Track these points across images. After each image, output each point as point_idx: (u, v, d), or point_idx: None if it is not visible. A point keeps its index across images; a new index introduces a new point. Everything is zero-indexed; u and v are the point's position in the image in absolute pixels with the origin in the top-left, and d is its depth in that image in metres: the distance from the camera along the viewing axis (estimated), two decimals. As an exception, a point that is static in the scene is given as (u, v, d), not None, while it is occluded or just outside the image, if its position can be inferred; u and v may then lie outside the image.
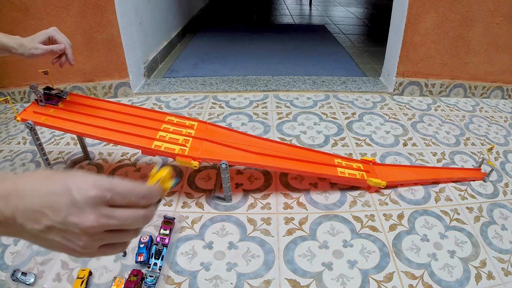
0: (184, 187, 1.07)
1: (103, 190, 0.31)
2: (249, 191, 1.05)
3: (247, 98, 1.64)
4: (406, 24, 1.53)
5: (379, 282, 0.79)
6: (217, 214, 0.97)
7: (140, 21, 1.75)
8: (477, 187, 1.09)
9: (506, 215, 0.99)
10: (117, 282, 0.75)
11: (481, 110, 1.61)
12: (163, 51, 2.12)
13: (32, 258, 0.82)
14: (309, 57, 2.24)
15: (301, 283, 0.78)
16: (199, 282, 0.78)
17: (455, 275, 0.81)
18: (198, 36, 2.71)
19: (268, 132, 1.36)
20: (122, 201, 0.32)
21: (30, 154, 1.25)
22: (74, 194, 0.30)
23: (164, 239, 0.83)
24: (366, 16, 3.63)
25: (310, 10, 3.89)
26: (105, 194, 0.31)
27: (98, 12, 1.47)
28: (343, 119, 1.47)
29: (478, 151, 1.29)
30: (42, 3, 1.43)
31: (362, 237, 0.90)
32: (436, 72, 1.66)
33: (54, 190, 0.30)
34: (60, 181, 0.30)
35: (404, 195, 1.05)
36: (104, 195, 0.31)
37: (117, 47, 1.55)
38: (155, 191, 0.35)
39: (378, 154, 1.24)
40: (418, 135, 1.37)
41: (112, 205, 0.31)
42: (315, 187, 1.07)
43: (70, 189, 0.30)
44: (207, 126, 1.07)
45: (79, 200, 0.30)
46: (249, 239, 0.89)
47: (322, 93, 1.71)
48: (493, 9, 1.49)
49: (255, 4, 4.09)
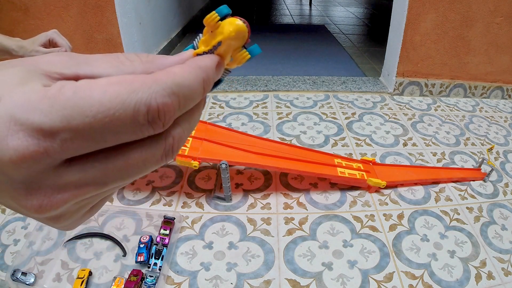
0: (184, 187, 1.07)
1: (39, 137, 0.13)
2: (249, 191, 1.05)
3: (247, 98, 1.64)
4: (406, 24, 1.53)
5: (379, 282, 0.79)
6: (217, 214, 0.97)
7: (140, 21, 1.75)
8: (477, 187, 1.09)
9: (506, 215, 0.99)
10: (117, 282, 0.75)
11: (481, 110, 1.61)
12: (163, 51, 2.12)
13: (32, 258, 0.82)
14: (309, 57, 2.24)
15: (301, 283, 0.78)
16: (199, 282, 0.78)
17: (455, 275, 0.81)
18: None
19: (268, 132, 1.36)
20: (94, 144, 0.14)
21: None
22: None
23: (164, 239, 0.83)
24: (366, 16, 3.63)
25: (310, 10, 3.89)
26: (45, 145, 0.13)
27: (98, 12, 1.47)
28: (343, 119, 1.47)
29: (478, 151, 1.29)
30: (42, 3, 1.43)
31: (362, 237, 0.90)
32: (436, 72, 1.65)
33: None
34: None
35: (404, 195, 1.05)
36: (44, 148, 0.13)
37: (117, 47, 1.55)
38: (189, 83, 0.15)
39: (378, 154, 1.24)
40: (418, 135, 1.37)
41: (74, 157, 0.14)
42: (315, 187, 1.07)
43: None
44: (207, 126, 1.07)
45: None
46: (249, 239, 0.89)
47: (322, 93, 1.71)
48: (493, 9, 1.49)
49: (255, 4, 4.09)
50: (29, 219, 0.95)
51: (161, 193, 1.04)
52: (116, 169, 0.14)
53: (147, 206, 0.99)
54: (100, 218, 0.94)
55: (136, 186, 1.06)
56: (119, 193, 1.04)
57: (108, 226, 0.92)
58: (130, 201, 1.01)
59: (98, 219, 0.94)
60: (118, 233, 0.90)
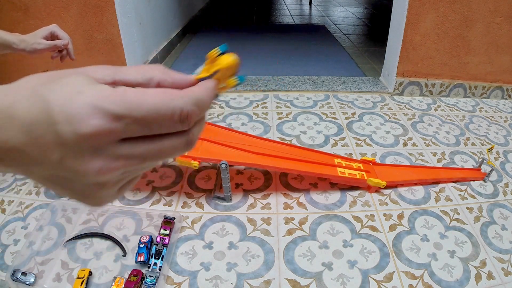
0: (184, 187, 1.07)
1: (110, 120, 0.18)
2: (249, 191, 1.05)
3: (247, 98, 1.64)
4: (406, 24, 1.53)
5: (379, 282, 0.79)
6: (217, 214, 0.97)
7: (140, 21, 1.75)
8: (477, 187, 1.09)
9: (506, 215, 0.99)
10: (117, 282, 0.75)
11: (481, 110, 1.61)
12: (163, 51, 2.12)
13: (32, 258, 0.82)
14: (309, 57, 2.24)
15: (301, 283, 0.78)
16: (199, 282, 0.78)
17: (455, 275, 0.81)
18: (198, 36, 2.71)
19: (268, 132, 1.36)
20: (144, 130, 0.19)
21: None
22: (59, 128, 0.18)
23: (164, 239, 0.83)
24: (366, 16, 3.63)
25: (310, 10, 3.89)
26: (113, 126, 0.18)
27: (98, 12, 1.47)
28: (343, 119, 1.47)
29: (478, 151, 1.29)
30: (42, 3, 1.43)
31: (362, 237, 0.90)
32: (436, 72, 1.65)
33: (32, 118, 0.18)
34: (38, 99, 0.18)
35: (404, 195, 1.05)
36: (112, 128, 0.18)
37: (117, 47, 1.55)
38: (205, 98, 0.22)
39: (378, 154, 1.24)
40: (418, 135, 1.37)
41: (128, 138, 0.20)
42: (315, 187, 1.07)
43: (52, 117, 0.18)
44: (207, 126, 1.07)
45: (70, 140, 0.18)
46: (249, 239, 0.89)
47: (322, 93, 1.71)
48: (493, 9, 1.49)
49: (255, 4, 4.09)
50: (29, 219, 0.95)
51: (161, 193, 1.04)
52: (154, 150, 0.20)
53: (147, 206, 0.99)
54: (100, 218, 0.94)
55: (136, 186, 1.06)
56: (119, 193, 1.04)
57: (108, 226, 0.92)
58: (130, 201, 1.01)
59: (98, 219, 0.94)
60: (118, 233, 0.90)
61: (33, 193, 1.05)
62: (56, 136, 0.18)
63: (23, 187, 1.07)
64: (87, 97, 0.18)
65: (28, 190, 1.06)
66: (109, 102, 0.18)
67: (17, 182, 1.10)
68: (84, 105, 0.18)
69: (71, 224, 0.93)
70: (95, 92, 0.18)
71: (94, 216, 0.95)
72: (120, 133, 0.19)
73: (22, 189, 1.07)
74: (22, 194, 1.05)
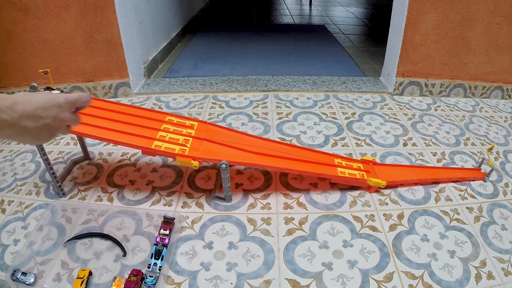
0: (184, 187, 1.07)
1: (68, 99, 0.51)
2: (249, 191, 1.05)
3: (247, 98, 1.64)
4: (406, 24, 1.53)
5: (379, 282, 0.79)
6: (217, 214, 0.97)
7: (140, 21, 1.75)
8: (477, 187, 1.09)
9: (506, 215, 0.99)
10: (117, 282, 0.75)
11: (481, 110, 1.61)
12: (163, 51, 2.12)
13: (32, 258, 0.83)
14: (309, 57, 2.24)
15: (301, 283, 0.78)
16: (199, 282, 0.78)
17: (455, 275, 0.81)
18: (198, 36, 2.71)
19: (268, 132, 1.36)
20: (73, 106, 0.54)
21: (30, 154, 1.25)
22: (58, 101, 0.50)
23: (164, 239, 0.83)
24: (366, 16, 3.63)
25: (310, 10, 3.89)
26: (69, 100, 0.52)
27: (98, 12, 1.47)
28: (343, 119, 1.47)
29: (478, 151, 1.29)
30: (42, 3, 1.43)
31: (362, 237, 0.90)
32: (436, 72, 1.66)
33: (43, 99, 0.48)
34: (46, 95, 0.48)
35: (404, 195, 1.05)
36: (69, 100, 0.52)
37: (117, 47, 1.55)
38: (73, 98, 0.53)
39: (378, 154, 1.24)
40: (418, 135, 1.37)
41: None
42: (315, 187, 1.07)
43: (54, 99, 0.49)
44: (207, 126, 1.07)
45: (61, 103, 0.50)
46: (249, 239, 0.89)
47: (322, 93, 1.71)
48: (493, 9, 1.49)
49: (255, 4, 4.09)
50: (29, 219, 0.95)
51: (161, 193, 1.04)
52: (65, 116, 0.53)
53: (147, 206, 0.99)
54: (100, 218, 0.94)
55: (136, 186, 1.07)
56: (119, 193, 1.04)
57: (108, 226, 0.92)
58: (130, 201, 1.01)
59: (98, 219, 0.94)
60: (118, 233, 0.90)
61: (33, 193, 1.05)
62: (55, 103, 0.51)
63: (23, 187, 1.08)
64: (39, 94, 0.49)
65: (28, 190, 1.06)
66: (60, 96, 0.51)
67: (17, 182, 1.10)
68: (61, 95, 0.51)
69: (71, 224, 0.93)
70: (50, 95, 0.49)
71: (94, 216, 0.95)
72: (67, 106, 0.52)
73: (22, 189, 1.07)
74: (22, 194, 1.05)
